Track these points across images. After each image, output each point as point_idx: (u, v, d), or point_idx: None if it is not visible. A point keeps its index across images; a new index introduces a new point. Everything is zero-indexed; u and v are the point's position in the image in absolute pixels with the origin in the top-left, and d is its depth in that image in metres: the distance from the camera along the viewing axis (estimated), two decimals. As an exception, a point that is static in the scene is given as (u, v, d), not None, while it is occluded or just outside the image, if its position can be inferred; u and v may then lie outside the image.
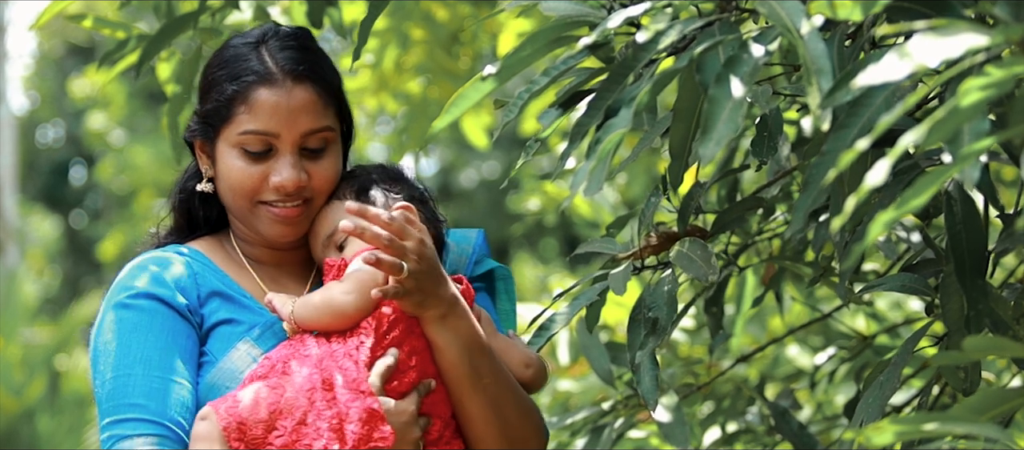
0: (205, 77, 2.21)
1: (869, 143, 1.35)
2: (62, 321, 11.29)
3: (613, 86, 1.70)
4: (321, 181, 2.15)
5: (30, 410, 10.14)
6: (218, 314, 2.13)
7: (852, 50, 1.66)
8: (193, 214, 2.26)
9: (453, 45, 4.50)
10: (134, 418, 2.01)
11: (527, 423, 2.15)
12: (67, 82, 17.54)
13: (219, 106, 2.14)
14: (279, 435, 1.94)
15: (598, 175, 1.65)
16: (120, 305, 2.10)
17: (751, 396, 3.19)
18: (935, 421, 1.39)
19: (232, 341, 2.10)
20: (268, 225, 2.16)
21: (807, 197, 1.57)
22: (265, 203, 2.15)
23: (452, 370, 2.06)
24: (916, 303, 3.66)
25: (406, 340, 2.04)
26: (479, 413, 2.08)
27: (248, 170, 2.13)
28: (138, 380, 2.03)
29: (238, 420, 1.94)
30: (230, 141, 2.14)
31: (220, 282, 2.16)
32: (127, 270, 2.15)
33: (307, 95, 2.13)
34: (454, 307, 2.06)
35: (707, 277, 2.04)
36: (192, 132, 2.21)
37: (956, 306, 1.82)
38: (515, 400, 2.13)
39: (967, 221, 1.80)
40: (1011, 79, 1.29)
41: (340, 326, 2.03)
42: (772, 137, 1.95)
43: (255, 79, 2.12)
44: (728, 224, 2.34)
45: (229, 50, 2.18)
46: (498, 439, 2.10)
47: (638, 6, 1.72)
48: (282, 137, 2.12)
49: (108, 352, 2.07)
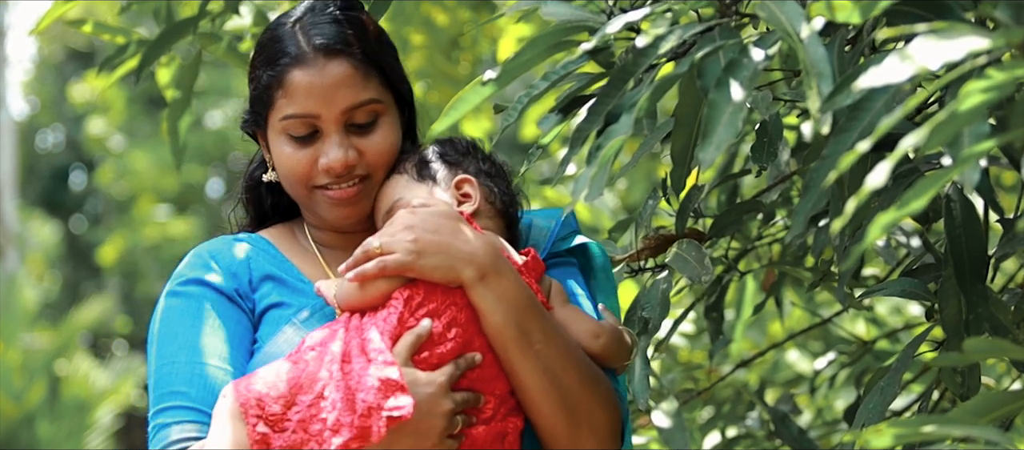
0: (251, 64, 2.14)
1: (869, 146, 1.35)
2: (62, 326, 11.30)
3: (613, 91, 1.70)
4: (375, 155, 2.07)
5: (30, 415, 10.14)
6: (269, 298, 2.07)
7: (852, 54, 1.66)
8: (263, 204, 2.21)
9: (453, 50, 4.51)
10: (175, 405, 1.96)
11: (591, 393, 1.97)
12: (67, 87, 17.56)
13: (260, 94, 2.08)
14: (297, 410, 1.86)
15: (599, 181, 1.65)
16: (170, 293, 2.07)
17: (751, 401, 3.19)
18: (934, 424, 1.39)
19: (280, 325, 2.04)
20: (327, 209, 2.09)
21: (808, 201, 1.57)
22: (320, 187, 2.08)
23: (498, 335, 1.93)
24: (916, 308, 3.66)
25: (444, 312, 1.94)
26: (533, 380, 1.94)
27: (297, 155, 2.06)
28: (181, 368, 1.98)
29: (256, 396, 1.87)
30: (276, 128, 2.07)
31: (275, 267, 2.10)
32: (184, 259, 2.11)
33: (342, 69, 2.04)
34: (495, 267, 1.94)
35: (701, 278, 2.04)
36: (246, 123, 2.16)
37: (954, 310, 1.82)
38: (576, 367, 1.97)
39: (967, 225, 1.80)
40: (1012, 82, 1.29)
41: (371, 302, 1.96)
42: (772, 143, 1.95)
43: (288, 61, 2.04)
44: (727, 228, 2.34)
45: (267, 33, 2.12)
46: (556, 408, 1.95)
47: (638, 11, 1.72)
48: (323, 117, 2.04)
49: (156, 341, 2.04)
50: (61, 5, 2.94)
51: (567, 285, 2.11)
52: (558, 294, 2.07)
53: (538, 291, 2.02)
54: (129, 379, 11.23)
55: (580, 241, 2.16)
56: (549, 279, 2.08)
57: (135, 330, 16.60)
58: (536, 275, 2.04)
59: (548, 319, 1.98)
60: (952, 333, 1.83)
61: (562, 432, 1.97)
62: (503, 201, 2.12)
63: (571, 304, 2.07)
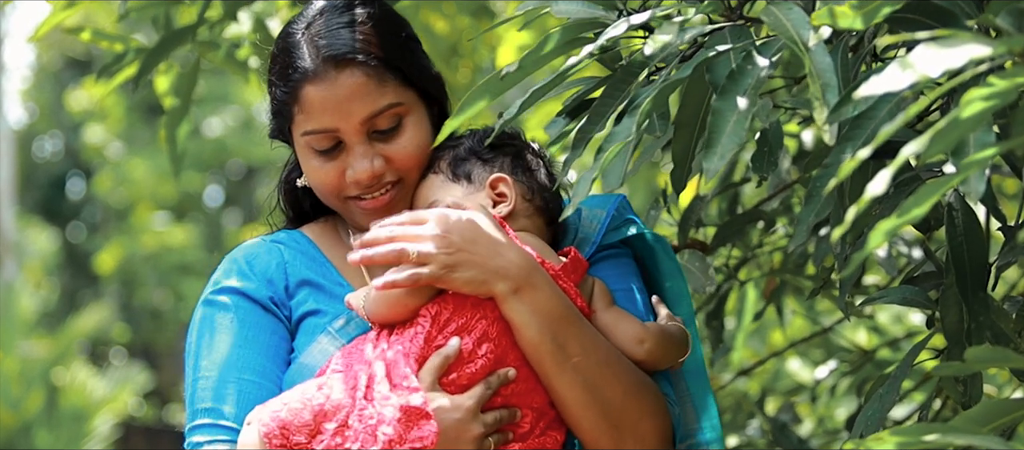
0: (268, 73, 2.06)
1: (870, 153, 1.34)
2: (60, 335, 11.27)
3: (616, 94, 1.69)
4: (403, 160, 1.99)
5: (27, 424, 10.11)
6: (306, 305, 1.99)
7: (855, 62, 1.66)
8: (301, 205, 2.13)
9: (452, 57, 4.50)
10: (208, 423, 1.91)
11: (636, 404, 1.88)
12: (65, 95, 17.55)
13: (279, 108, 2.02)
14: (322, 440, 1.80)
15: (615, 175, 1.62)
16: (206, 302, 2.00)
17: (752, 410, 3.19)
18: (936, 432, 1.38)
19: (315, 334, 1.96)
20: (361, 219, 2.01)
21: (810, 210, 1.56)
22: (352, 198, 2.01)
23: (534, 350, 1.85)
24: (917, 316, 3.66)
25: (474, 327, 1.86)
26: (571, 394, 1.86)
27: (324, 169, 1.99)
28: (214, 383, 1.92)
29: (280, 425, 1.81)
30: (299, 142, 2.01)
31: (313, 270, 2.03)
32: (221, 263, 2.04)
33: (355, 80, 1.95)
34: (530, 279, 1.86)
35: (705, 288, 2.04)
36: (273, 132, 2.08)
37: (956, 318, 1.81)
38: (618, 377, 1.88)
39: (968, 233, 1.79)
40: (1014, 90, 1.29)
41: (399, 317, 1.89)
42: (772, 152, 1.94)
43: (300, 77, 1.96)
44: (729, 237, 2.34)
45: (280, 42, 2.03)
46: (598, 422, 1.87)
47: (644, 13, 1.71)
48: (343, 130, 1.96)
49: (192, 354, 1.98)
50: (59, 12, 2.94)
51: (617, 282, 2.01)
52: (601, 296, 1.97)
53: (578, 296, 1.93)
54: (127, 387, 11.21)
55: (634, 231, 2.06)
56: (592, 279, 1.98)
57: (133, 338, 16.58)
58: (576, 277, 1.95)
59: (587, 329, 1.90)
60: (953, 342, 1.82)
61: (606, 445, 1.89)
62: (543, 197, 2.02)
63: (615, 307, 1.97)
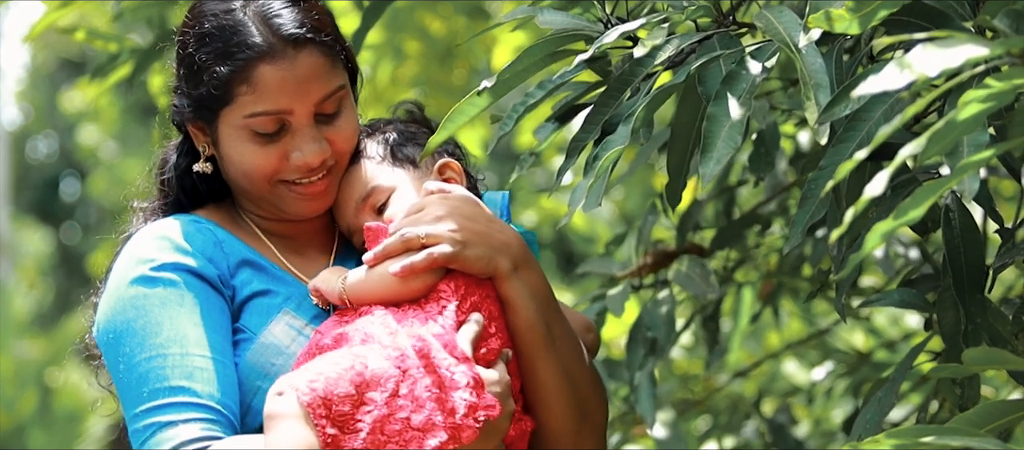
0: (186, 55, 1.93)
1: (867, 154, 1.34)
2: (54, 335, 11.26)
3: (610, 101, 1.69)
4: (343, 143, 1.94)
5: (21, 425, 10.10)
6: (251, 285, 1.91)
7: (850, 63, 1.66)
8: (196, 191, 2.02)
9: (448, 58, 4.50)
10: (177, 401, 1.77)
11: (595, 394, 1.92)
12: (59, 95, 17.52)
13: (214, 88, 1.89)
14: (369, 410, 1.71)
15: (597, 191, 1.64)
16: (142, 279, 1.86)
17: (748, 412, 3.19)
18: (933, 434, 1.38)
19: (271, 313, 1.89)
20: (292, 204, 1.95)
21: (806, 211, 1.56)
22: (285, 182, 1.94)
23: (528, 331, 1.85)
24: (914, 318, 3.65)
25: (483, 306, 1.85)
26: (552, 379, 1.86)
27: (263, 153, 1.91)
28: (176, 361, 1.79)
29: (322, 395, 1.70)
30: (235, 124, 1.90)
31: (250, 251, 1.95)
32: (142, 241, 1.91)
33: (313, 60, 1.89)
34: (525, 257, 1.87)
35: (706, 295, 2.04)
36: (183, 115, 1.96)
37: (953, 320, 1.81)
38: (584, 366, 1.91)
39: (965, 235, 1.79)
40: (1011, 91, 1.29)
41: (411, 296, 1.84)
42: (769, 153, 1.94)
43: (252, 55, 1.87)
44: (727, 241, 2.33)
45: (211, 19, 1.90)
46: (568, 410, 1.88)
47: (634, 21, 1.71)
48: (296, 112, 1.89)
49: (134, 332, 1.83)
50: (54, 13, 2.93)
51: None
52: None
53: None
54: (122, 389, 11.19)
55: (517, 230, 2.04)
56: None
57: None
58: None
59: (563, 315, 1.91)
60: (950, 344, 1.82)
61: (570, 431, 1.90)
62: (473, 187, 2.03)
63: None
